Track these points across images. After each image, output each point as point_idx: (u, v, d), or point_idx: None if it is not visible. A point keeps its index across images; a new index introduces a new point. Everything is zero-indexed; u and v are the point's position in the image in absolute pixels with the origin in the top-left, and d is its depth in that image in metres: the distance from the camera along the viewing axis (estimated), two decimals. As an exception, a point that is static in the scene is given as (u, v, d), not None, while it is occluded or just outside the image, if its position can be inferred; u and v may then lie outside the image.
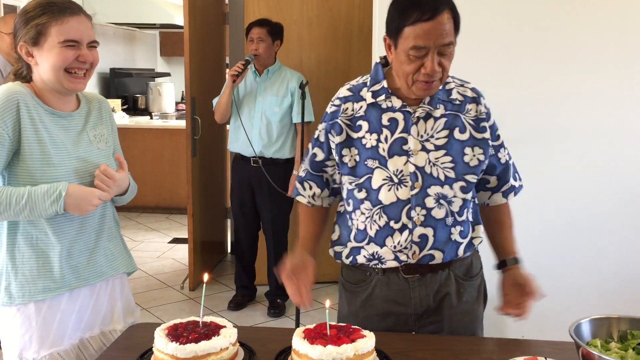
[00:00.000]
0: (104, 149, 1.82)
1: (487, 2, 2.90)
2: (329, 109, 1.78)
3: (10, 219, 1.65)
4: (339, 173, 1.80)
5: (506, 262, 1.85)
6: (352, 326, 1.57)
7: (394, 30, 1.61)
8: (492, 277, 2.98)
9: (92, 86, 1.72)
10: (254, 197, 3.96)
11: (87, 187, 1.70)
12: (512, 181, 1.87)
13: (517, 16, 2.89)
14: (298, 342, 1.49)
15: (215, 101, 3.92)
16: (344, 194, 1.82)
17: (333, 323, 1.57)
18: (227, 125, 4.12)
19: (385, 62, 1.77)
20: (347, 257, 1.82)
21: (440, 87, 1.71)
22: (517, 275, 1.81)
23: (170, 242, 5.70)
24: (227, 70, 3.88)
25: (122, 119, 6.70)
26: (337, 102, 1.77)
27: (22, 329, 1.68)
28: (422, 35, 1.55)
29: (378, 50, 3.03)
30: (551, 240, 2.98)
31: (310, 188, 1.86)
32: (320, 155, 1.81)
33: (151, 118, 7.28)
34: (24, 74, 1.73)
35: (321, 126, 1.80)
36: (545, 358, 1.52)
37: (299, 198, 1.92)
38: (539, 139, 2.93)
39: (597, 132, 2.87)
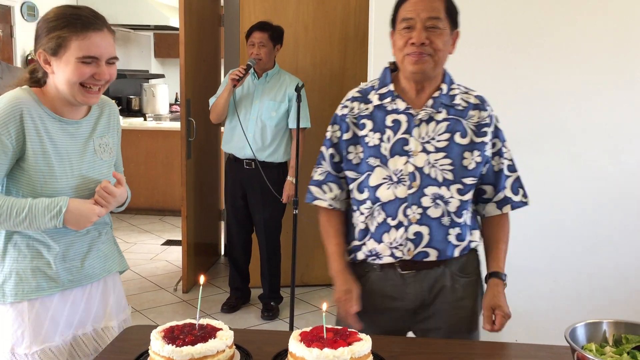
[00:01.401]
0: (107, 159, 1.82)
1: (483, 3, 2.91)
2: (339, 110, 1.87)
3: (9, 229, 1.67)
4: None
5: (490, 276, 1.86)
6: (349, 329, 1.57)
7: (392, 19, 1.78)
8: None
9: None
10: (246, 199, 3.95)
11: (87, 203, 1.70)
12: (508, 193, 1.88)
13: (514, 17, 2.90)
14: (295, 345, 1.49)
15: (211, 101, 3.91)
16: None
17: (330, 326, 1.57)
18: (222, 127, 4.11)
19: (393, 67, 1.85)
20: (348, 255, 1.89)
21: (445, 92, 1.79)
22: (494, 296, 1.80)
23: (163, 244, 5.68)
24: (226, 73, 3.85)
25: (116, 120, 6.68)
26: (346, 102, 1.86)
27: (15, 324, 1.69)
28: (410, 8, 1.72)
29: (374, 53, 3.04)
30: (545, 244, 2.99)
31: (331, 190, 1.89)
32: (337, 156, 1.87)
33: (145, 119, 7.27)
34: (39, 76, 1.72)
35: (332, 127, 1.87)
36: (541, 362, 1.53)
37: (317, 202, 1.91)
38: (534, 141, 2.94)
39: (593, 134, 2.89)
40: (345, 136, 1.83)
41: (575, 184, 2.93)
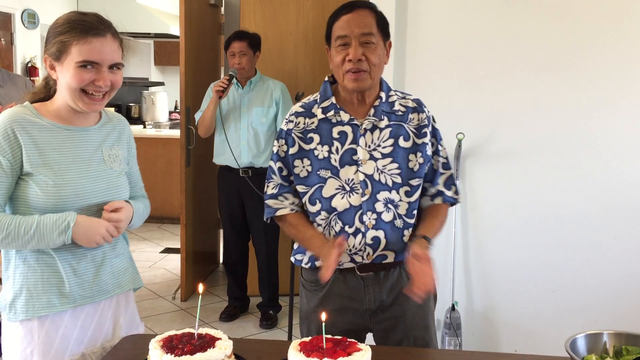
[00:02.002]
0: (117, 169, 1.78)
1: (481, 12, 2.92)
2: (284, 126, 1.92)
3: (19, 248, 1.63)
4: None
5: (417, 237, 1.83)
6: (348, 339, 1.56)
7: (327, 35, 1.86)
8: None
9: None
10: (243, 208, 3.94)
11: (95, 218, 1.67)
12: (441, 187, 1.93)
13: (511, 28, 2.91)
14: (294, 355, 1.49)
15: (197, 116, 3.92)
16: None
17: (329, 336, 1.57)
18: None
19: (333, 80, 1.93)
20: (306, 263, 1.95)
21: (384, 100, 1.87)
22: (420, 245, 1.76)
23: (162, 252, 5.67)
24: (211, 85, 3.85)
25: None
26: (290, 117, 1.91)
27: (24, 342, 1.65)
28: (343, 26, 1.80)
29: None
30: (544, 254, 2.98)
31: (287, 199, 1.93)
32: (285, 170, 1.92)
33: (144, 127, 7.27)
34: (50, 84, 1.72)
35: (278, 142, 1.92)
36: (541, 373, 1.52)
37: (279, 212, 1.92)
38: (532, 151, 2.95)
39: (592, 144, 2.89)
40: (292, 150, 1.87)
41: (575, 194, 2.93)
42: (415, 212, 1.89)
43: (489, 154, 2.98)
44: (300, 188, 1.89)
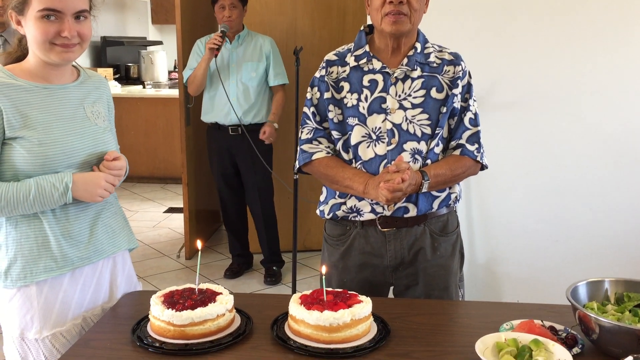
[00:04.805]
0: (102, 125, 1.73)
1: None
2: (317, 73, 1.92)
3: (19, 213, 1.59)
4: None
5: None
6: (349, 292, 1.57)
7: None
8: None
9: (82, 56, 1.68)
10: (236, 166, 3.92)
11: (90, 172, 1.65)
12: (463, 141, 1.87)
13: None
14: (295, 308, 1.49)
15: (186, 74, 3.85)
16: None
17: (330, 289, 1.57)
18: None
19: (369, 30, 1.91)
20: (328, 214, 1.93)
21: (419, 51, 1.84)
22: (411, 169, 1.74)
23: (165, 212, 5.69)
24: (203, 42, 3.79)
25: (115, 88, 6.62)
26: (324, 64, 1.91)
27: (23, 309, 1.63)
28: None
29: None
30: (546, 204, 2.98)
31: (322, 143, 1.90)
32: (318, 116, 1.90)
33: (144, 87, 7.20)
34: (23, 42, 1.65)
35: (311, 90, 1.91)
36: (542, 321, 1.52)
37: (315, 156, 1.87)
38: (533, 101, 2.91)
39: (595, 93, 2.85)
40: (326, 95, 1.86)
41: (577, 144, 2.90)
42: None
43: (490, 104, 2.94)
44: (335, 133, 1.87)
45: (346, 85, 1.85)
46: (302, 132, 1.93)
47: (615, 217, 2.92)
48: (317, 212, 1.98)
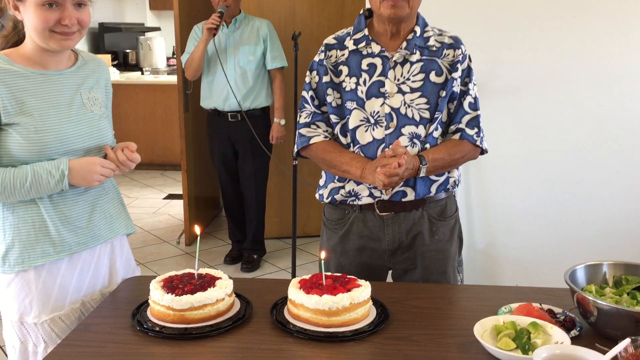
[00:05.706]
0: (98, 112, 1.72)
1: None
2: (316, 57, 1.91)
3: (16, 199, 1.59)
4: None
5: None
6: (348, 276, 1.57)
7: None
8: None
9: (80, 42, 1.66)
10: (236, 153, 3.92)
11: (86, 158, 1.64)
12: (462, 126, 1.85)
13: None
14: (294, 293, 1.50)
15: (184, 58, 3.82)
16: None
17: (329, 273, 1.57)
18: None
19: (368, 14, 1.89)
20: (327, 197, 1.93)
21: (418, 35, 1.82)
22: (407, 154, 1.72)
23: (165, 198, 5.69)
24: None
25: (113, 75, 6.60)
26: (323, 48, 1.90)
27: (22, 293, 1.63)
28: None
29: None
30: (545, 189, 2.98)
31: (320, 127, 1.89)
32: (317, 100, 1.89)
33: (142, 74, 7.17)
34: (19, 27, 1.64)
35: (310, 74, 1.90)
36: (540, 304, 1.53)
37: (313, 140, 1.87)
38: (533, 86, 2.91)
39: (594, 79, 2.84)
40: (325, 79, 1.85)
41: (576, 129, 2.90)
42: None
43: (490, 90, 2.93)
44: (333, 117, 1.86)
45: (345, 69, 1.84)
46: (300, 116, 1.92)
47: (613, 202, 2.92)
48: (317, 196, 1.98)
